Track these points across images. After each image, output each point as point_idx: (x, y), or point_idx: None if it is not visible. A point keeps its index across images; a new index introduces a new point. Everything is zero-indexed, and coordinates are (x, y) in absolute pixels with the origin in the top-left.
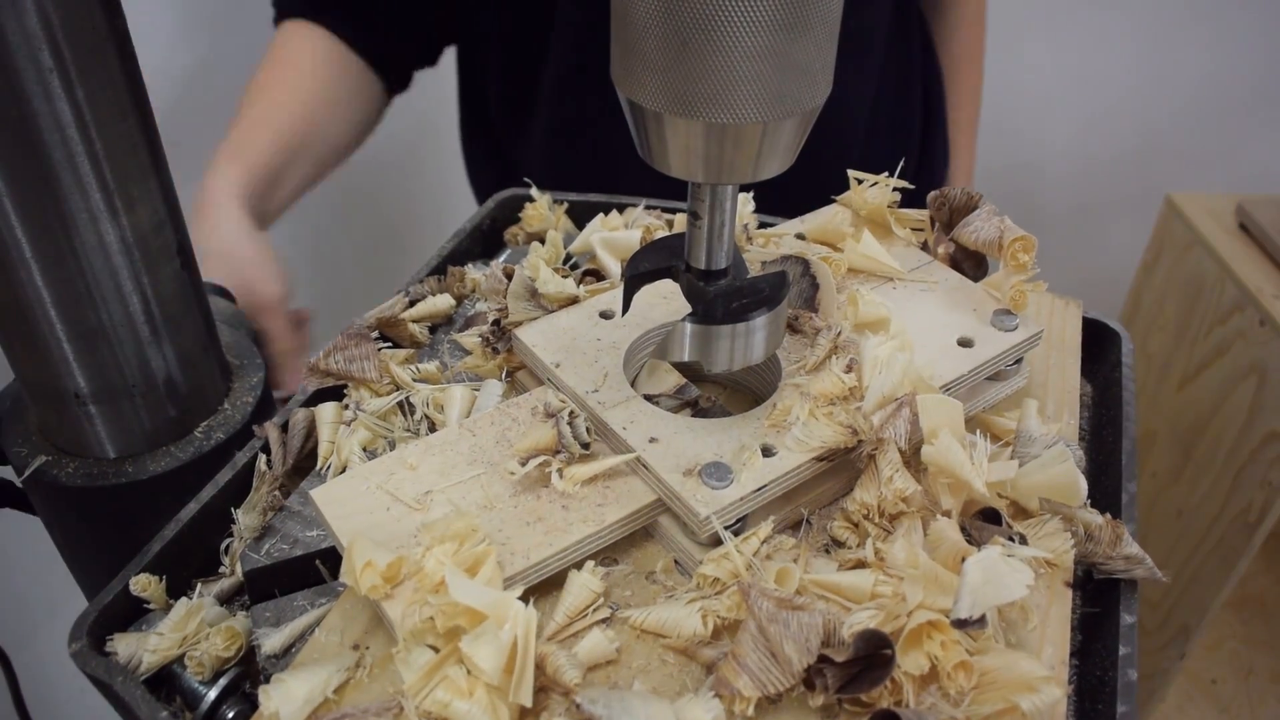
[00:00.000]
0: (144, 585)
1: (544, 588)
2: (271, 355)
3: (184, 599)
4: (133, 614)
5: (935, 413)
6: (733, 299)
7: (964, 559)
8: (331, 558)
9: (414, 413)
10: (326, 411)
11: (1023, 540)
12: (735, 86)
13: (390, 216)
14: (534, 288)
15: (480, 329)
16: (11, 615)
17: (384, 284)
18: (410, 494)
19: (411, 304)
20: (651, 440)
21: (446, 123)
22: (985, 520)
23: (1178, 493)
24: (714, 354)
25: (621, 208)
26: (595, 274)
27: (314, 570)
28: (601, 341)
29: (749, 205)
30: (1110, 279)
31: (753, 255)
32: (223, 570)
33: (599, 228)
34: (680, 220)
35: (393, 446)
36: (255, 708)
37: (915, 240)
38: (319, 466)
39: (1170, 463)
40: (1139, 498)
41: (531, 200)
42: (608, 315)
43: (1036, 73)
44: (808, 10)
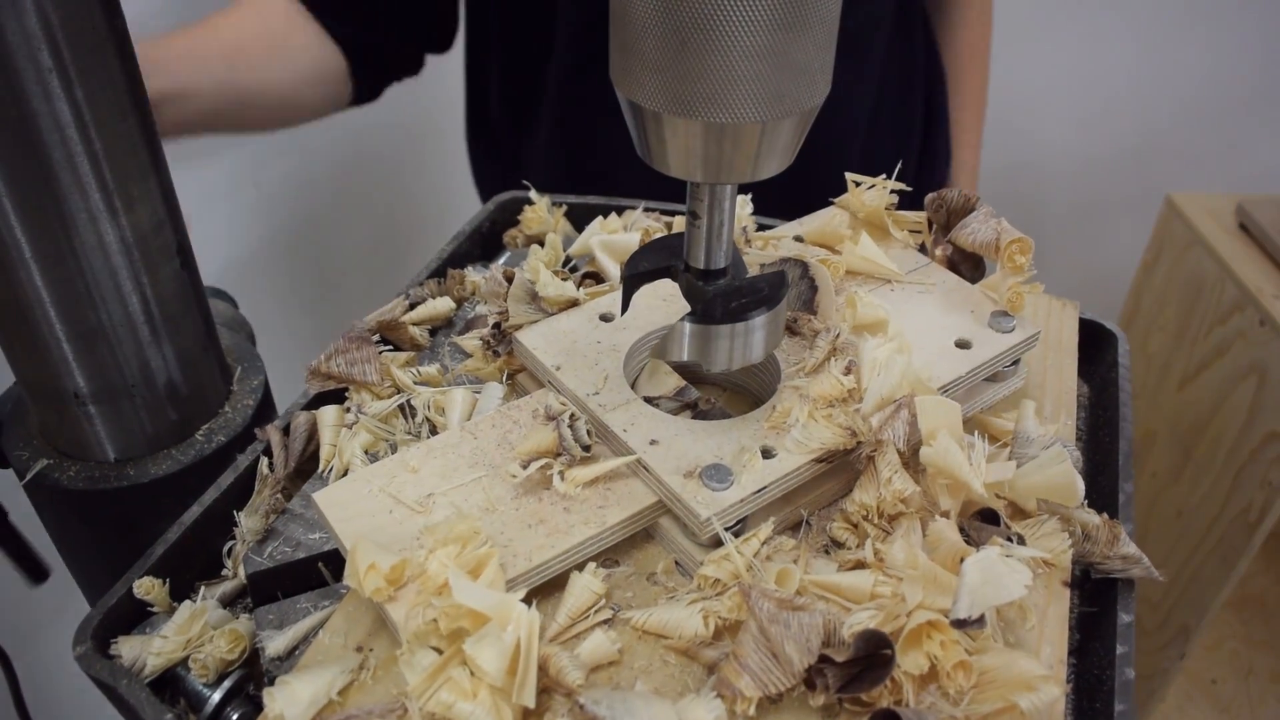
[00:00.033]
0: (147, 588)
1: (546, 589)
2: None
3: (187, 602)
4: (136, 617)
5: (933, 414)
6: (732, 298)
7: (963, 559)
8: (334, 560)
9: (415, 415)
10: (328, 414)
11: (1021, 540)
12: (734, 86)
13: (392, 218)
14: (534, 291)
15: (481, 332)
16: (11, 615)
17: (386, 286)
18: (412, 496)
19: (412, 307)
20: (652, 442)
21: (449, 124)
22: (983, 521)
23: (1178, 493)
24: (713, 354)
25: (620, 210)
26: (595, 277)
27: (316, 573)
28: (602, 344)
29: (747, 208)
30: (1110, 279)
31: (751, 258)
32: (225, 573)
33: (598, 231)
34: (679, 223)
35: (394, 449)
36: (260, 710)
37: (913, 242)
38: (321, 469)
39: (1170, 463)
40: (1139, 498)
41: (530, 203)
42: (608, 318)
43: (1036, 72)
44: (806, 9)
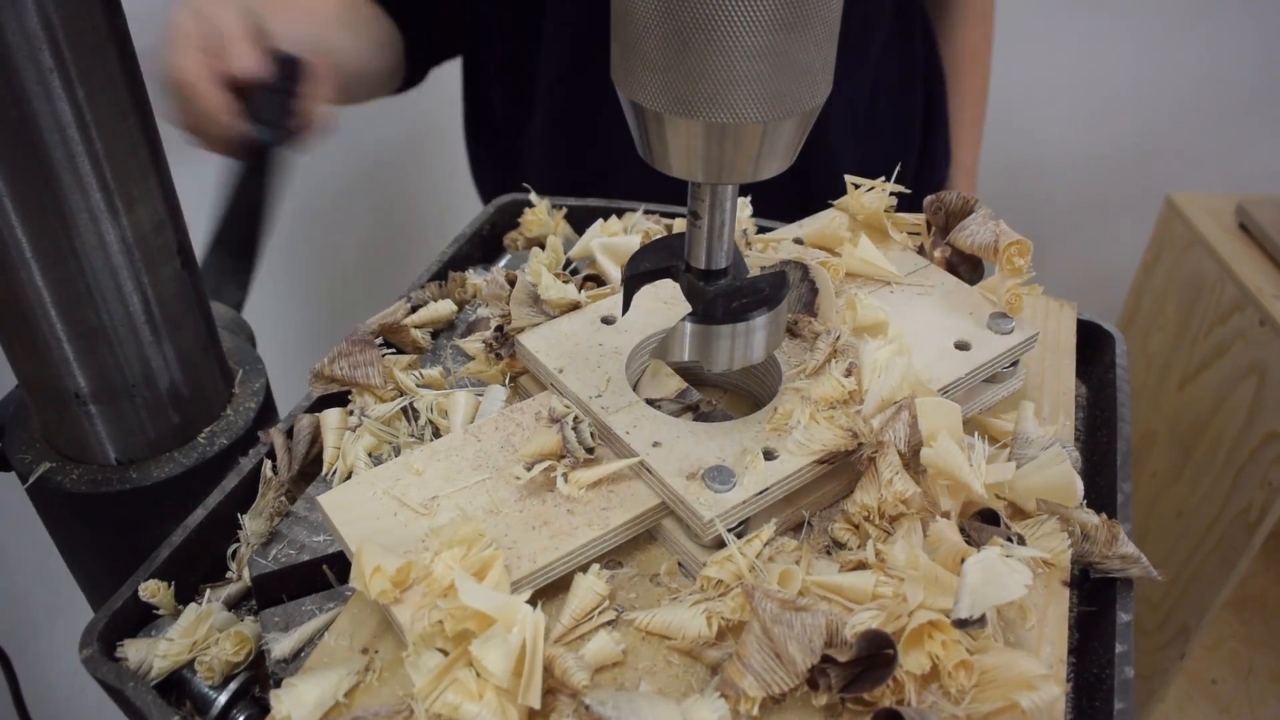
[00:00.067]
0: (153, 591)
1: (550, 591)
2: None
3: (193, 604)
4: (142, 620)
5: (934, 415)
6: (732, 298)
7: (963, 559)
8: (338, 563)
9: (418, 418)
10: (331, 417)
11: (1021, 541)
12: (735, 86)
13: (392, 219)
14: (536, 293)
15: (483, 334)
16: (11, 616)
17: (386, 289)
18: (417, 499)
19: (413, 309)
20: (655, 444)
21: (449, 125)
22: (984, 521)
23: (1178, 493)
24: (714, 354)
25: (620, 213)
26: (596, 279)
27: (321, 575)
28: (604, 347)
29: (747, 210)
30: (1110, 279)
31: (752, 260)
32: (230, 576)
33: (598, 233)
34: (679, 225)
35: (398, 452)
36: (266, 712)
37: (912, 244)
38: (324, 472)
39: (1170, 463)
40: (1138, 498)
41: (530, 205)
42: (609, 320)
43: (1036, 72)
44: (808, 9)
